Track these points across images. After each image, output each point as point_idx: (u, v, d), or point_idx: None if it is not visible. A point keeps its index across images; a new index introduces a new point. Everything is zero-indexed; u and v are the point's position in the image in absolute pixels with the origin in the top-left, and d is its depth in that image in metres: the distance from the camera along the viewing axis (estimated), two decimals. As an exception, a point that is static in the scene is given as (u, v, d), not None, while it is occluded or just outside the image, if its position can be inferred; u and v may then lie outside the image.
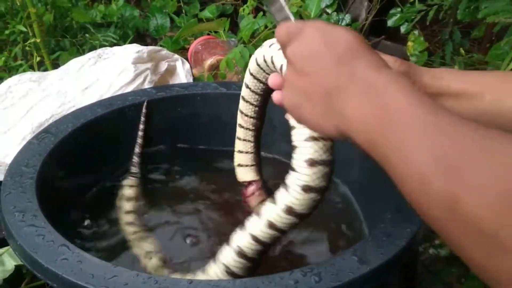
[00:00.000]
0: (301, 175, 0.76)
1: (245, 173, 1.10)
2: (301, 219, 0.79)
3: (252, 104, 1.05)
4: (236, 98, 1.05)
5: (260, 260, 0.84)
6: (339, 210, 1.16)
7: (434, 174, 0.46)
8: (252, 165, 1.10)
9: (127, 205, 1.09)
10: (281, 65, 0.85)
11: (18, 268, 1.16)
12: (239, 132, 1.09)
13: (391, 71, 0.57)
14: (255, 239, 0.81)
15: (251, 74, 1.00)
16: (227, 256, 0.83)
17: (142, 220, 1.10)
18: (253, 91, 1.03)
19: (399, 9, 2.08)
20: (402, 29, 2.09)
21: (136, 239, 1.04)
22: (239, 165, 1.11)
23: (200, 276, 0.85)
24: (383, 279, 0.79)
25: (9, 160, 1.04)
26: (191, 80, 1.68)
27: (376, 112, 0.53)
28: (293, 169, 0.77)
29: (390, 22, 2.10)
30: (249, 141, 1.09)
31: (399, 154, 0.50)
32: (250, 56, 1.70)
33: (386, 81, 0.55)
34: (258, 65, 0.97)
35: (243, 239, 0.82)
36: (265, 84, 0.99)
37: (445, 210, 0.45)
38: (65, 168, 1.10)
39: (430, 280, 1.26)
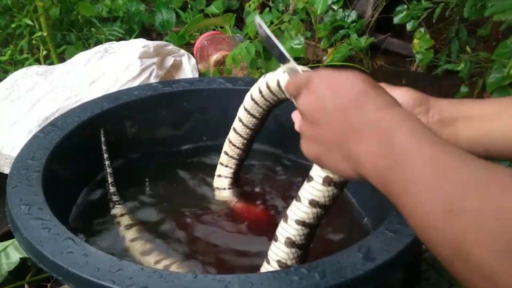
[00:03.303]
0: None
1: (221, 194, 1.17)
2: (340, 189, 0.80)
3: (242, 137, 1.11)
4: (242, 93, 1.06)
5: (309, 246, 0.84)
6: (342, 207, 1.16)
7: (439, 217, 0.47)
8: (229, 188, 1.17)
9: (129, 233, 1.07)
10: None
11: (23, 260, 1.16)
12: (223, 159, 1.16)
13: (400, 111, 0.59)
14: (302, 223, 0.81)
15: (246, 109, 1.06)
16: (279, 251, 0.82)
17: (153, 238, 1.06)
18: (245, 125, 1.09)
19: (405, 6, 2.08)
20: (408, 27, 2.09)
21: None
22: (217, 188, 1.18)
23: None
24: (387, 276, 0.79)
25: (15, 153, 1.04)
26: (196, 75, 1.68)
27: (385, 153, 0.55)
28: None
29: (396, 19, 2.09)
30: (230, 167, 1.16)
31: (407, 194, 0.51)
32: (256, 52, 1.71)
33: (391, 120, 0.57)
34: (253, 99, 1.04)
35: (290, 228, 0.81)
36: (258, 119, 1.07)
37: (451, 250, 0.46)
38: (71, 162, 1.10)
39: (434, 278, 1.26)
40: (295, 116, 0.74)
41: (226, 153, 1.15)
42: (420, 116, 0.76)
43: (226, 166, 1.16)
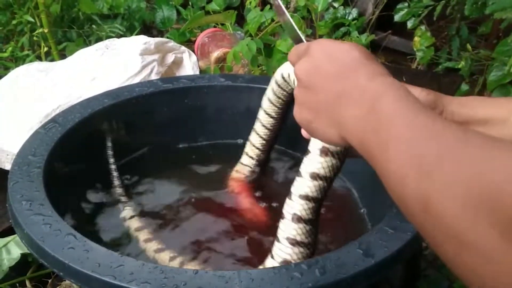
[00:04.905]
0: None
1: (236, 186, 1.19)
2: (339, 158, 0.81)
3: (261, 137, 1.16)
4: (243, 90, 1.06)
5: (317, 221, 0.85)
6: (341, 203, 1.16)
7: (410, 174, 0.48)
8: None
9: (142, 235, 1.07)
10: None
11: (24, 256, 1.16)
12: (244, 159, 1.20)
13: (387, 79, 0.60)
14: (306, 197, 0.81)
15: (264, 110, 1.12)
16: (287, 227, 0.83)
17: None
18: (264, 126, 1.14)
19: (406, 4, 2.08)
20: (409, 24, 2.09)
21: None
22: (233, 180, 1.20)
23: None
24: (387, 272, 0.80)
25: (16, 149, 1.04)
26: (197, 72, 1.68)
27: (368, 116, 0.57)
28: None
29: (397, 17, 2.09)
30: (249, 167, 1.20)
31: (384, 154, 0.53)
32: (257, 49, 1.71)
33: (380, 88, 0.58)
34: (268, 99, 1.09)
35: (295, 204, 0.82)
36: (276, 119, 1.12)
37: (419, 209, 0.47)
38: (72, 158, 1.11)
39: (433, 275, 1.27)
40: None
41: (246, 154, 1.19)
42: None
43: (246, 165, 1.20)
